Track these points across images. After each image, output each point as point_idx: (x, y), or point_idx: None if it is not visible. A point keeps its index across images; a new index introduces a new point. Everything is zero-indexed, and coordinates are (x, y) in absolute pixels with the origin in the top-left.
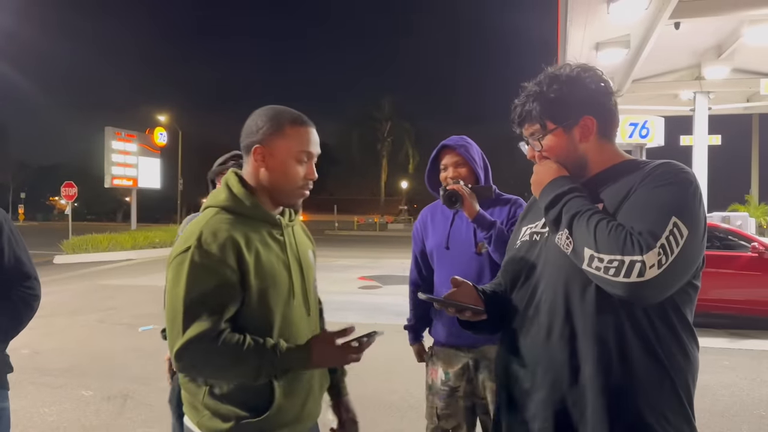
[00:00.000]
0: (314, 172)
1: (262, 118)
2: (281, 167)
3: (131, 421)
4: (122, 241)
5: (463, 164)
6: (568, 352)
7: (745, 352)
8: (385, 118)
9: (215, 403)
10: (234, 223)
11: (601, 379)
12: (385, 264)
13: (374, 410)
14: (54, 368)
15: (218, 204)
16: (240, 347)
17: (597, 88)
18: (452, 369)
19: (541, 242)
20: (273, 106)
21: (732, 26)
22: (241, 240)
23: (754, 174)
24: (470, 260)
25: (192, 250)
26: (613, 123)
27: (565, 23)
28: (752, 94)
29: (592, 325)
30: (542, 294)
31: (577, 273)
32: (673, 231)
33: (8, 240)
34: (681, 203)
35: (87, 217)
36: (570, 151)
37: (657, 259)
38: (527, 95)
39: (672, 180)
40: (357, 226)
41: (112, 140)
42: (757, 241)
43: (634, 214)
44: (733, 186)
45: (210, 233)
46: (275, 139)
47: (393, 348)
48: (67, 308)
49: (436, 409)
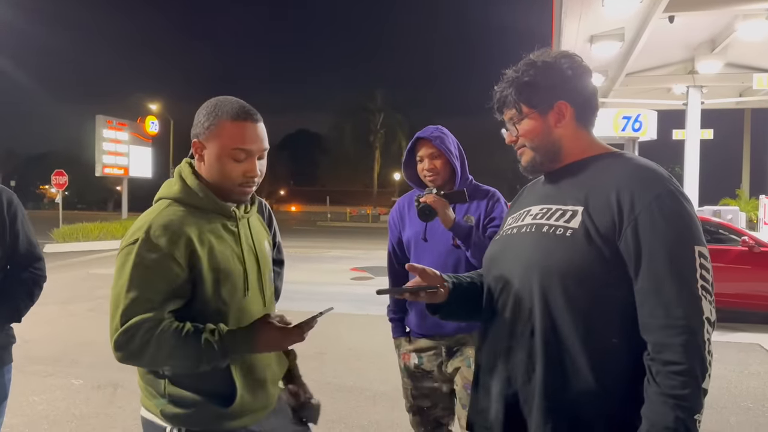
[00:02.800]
0: (254, 170)
1: (203, 111)
2: (216, 164)
3: (121, 410)
4: (113, 230)
5: (438, 156)
6: (526, 351)
7: (733, 344)
8: (378, 110)
9: (177, 390)
10: (187, 216)
11: (548, 381)
12: (378, 255)
13: (365, 400)
14: (44, 357)
15: (171, 195)
16: (178, 334)
17: (574, 74)
18: (425, 354)
19: (516, 236)
20: (219, 98)
21: (726, 21)
22: (194, 234)
23: (746, 168)
24: (448, 252)
25: (139, 243)
26: (590, 110)
27: (560, 15)
28: (745, 89)
29: (549, 327)
30: (510, 290)
31: (545, 274)
32: (702, 263)
33: (22, 224)
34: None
35: (77, 206)
36: (545, 136)
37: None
38: (505, 81)
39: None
40: (349, 217)
41: (103, 129)
42: (747, 235)
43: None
44: (725, 180)
45: (159, 226)
46: (210, 135)
47: (385, 338)
48: (58, 297)
49: (410, 390)
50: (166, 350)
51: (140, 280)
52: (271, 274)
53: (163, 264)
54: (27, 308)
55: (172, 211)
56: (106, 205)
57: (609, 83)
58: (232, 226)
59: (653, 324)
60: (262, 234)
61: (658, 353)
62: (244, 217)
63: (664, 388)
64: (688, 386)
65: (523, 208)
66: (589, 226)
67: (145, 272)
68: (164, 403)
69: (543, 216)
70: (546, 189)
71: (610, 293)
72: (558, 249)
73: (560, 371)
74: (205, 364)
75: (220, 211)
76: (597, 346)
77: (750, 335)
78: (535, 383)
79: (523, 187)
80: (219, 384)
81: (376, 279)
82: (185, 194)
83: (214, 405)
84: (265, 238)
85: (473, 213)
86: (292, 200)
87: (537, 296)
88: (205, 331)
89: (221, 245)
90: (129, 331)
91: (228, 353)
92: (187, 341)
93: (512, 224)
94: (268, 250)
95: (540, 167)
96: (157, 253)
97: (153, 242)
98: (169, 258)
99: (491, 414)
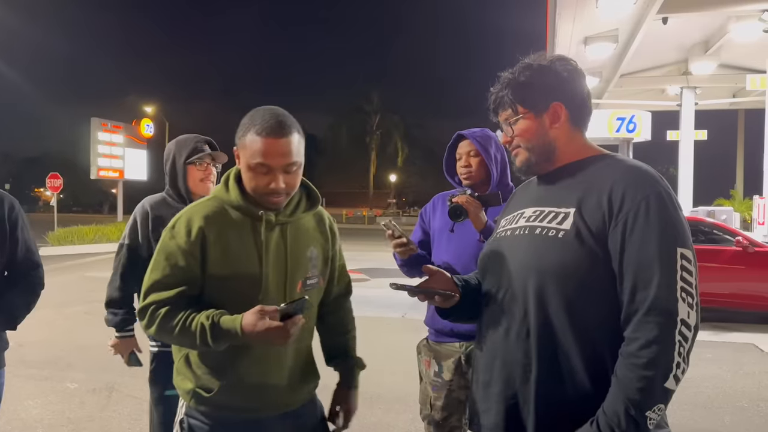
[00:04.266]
0: (277, 184)
1: (244, 119)
2: (245, 174)
3: (117, 414)
4: (108, 233)
5: (476, 154)
6: (523, 351)
7: (728, 344)
8: (375, 111)
9: (184, 367)
10: (216, 213)
11: (544, 382)
12: (374, 257)
13: (361, 403)
14: (39, 360)
15: (215, 192)
16: (180, 316)
17: (570, 76)
18: (445, 362)
19: (510, 239)
20: (260, 108)
21: (719, 22)
22: (212, 231)
23: (739, 169)
24: (472, 246)
25: (167, 231)
26: (584, 113)
27: (554, 17)
28: (738, 89)
29: (545, 328)
30: (506, 291)
31: (539, 275)
32: (684, 265)
33: (22, 230)
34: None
35: (73, 209)
36: (540, 137)
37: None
38: (501, 83)
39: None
40: (345, 219)
41: (98, 131)
42: (741, 236)
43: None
44: (719, 181)
45: (185, 219)
46: (241, 146)
47: (380, 340)
48: (53, 300)
49: (430, 399)
50: (168, 328)
51: (161, 263)
52: (311, 281)
53: (176, 254)
54: (23, 315)
55: (206, 206)
56: (101, 208)
57: (603, 84)
58: (262, 228)
59: (628, 319)
60: (308, 241)
61: (626, 345)
62: (283, 222)
63: (621, 379)
64: (643, 381)
65: (517, 210)
66: (581, 227)
67: (165, 257)
68: (176, 377)
69: (536, 218)
70: (539, 191)
71: (603, 293)
72: (551, 251)
73: (556, 371)
74: (202, 345)
75: (246, 212)
76: (592, 346)
77: (744, 335)
78: (532, 383)
79: (516, 188)
80: (216, 369)
81: (373, 280)
82: (221, 192)
83: (205, 390)
84: (311, 245)
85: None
86: None
87: (532, 298)
88: (201, 315)
89: (240, 245)
90: (145, 307)
91: (218, 338)
92: (185, 323)
93: (506, 226)
94: (311, 257)
95: (534, 168)
96: (176, 242)
97: (173, 233)
98: (182, 249)
99: (492, 414)
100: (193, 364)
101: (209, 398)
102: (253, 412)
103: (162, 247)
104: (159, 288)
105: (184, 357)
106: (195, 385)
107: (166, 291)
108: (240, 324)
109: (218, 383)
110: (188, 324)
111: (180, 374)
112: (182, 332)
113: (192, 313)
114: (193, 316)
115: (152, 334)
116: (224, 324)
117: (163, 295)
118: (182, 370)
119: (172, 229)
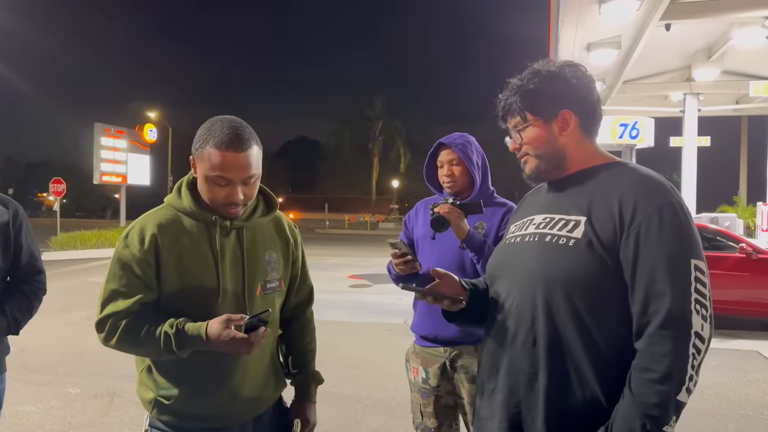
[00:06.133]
0: (235, 196)
1: (199, 130)
2: (202, 184)
3: (118, 419)
4: (111, 238)
5: (458, 162)
6: (529, 360)
7: (731, 351)
8: (377, 117)
9: (146, 377)
10: (169, 220)
11: (552, 391)
12: (376, 263)
13: (363, 409)
14: (40, 365)
15: (167, 200)
16: (141, 325)
17: (579, 83)
18: (431, 368)
19: (519, 245)
20: (215, 119)
21: (722, 28)
22: (166, 239)
23: (743, 175)
24: (454, 253)
25: (120, 241)
26: (594, 119)
27: (557, 24)
28: (741, 96)
29: (553, 337)
30: (513, 299)
31: (548, 283)
32: (698, 277)
33: (26, 236)
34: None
35: (76, 214)
36: (549, 144)
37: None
38: (510, 89)
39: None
40: (348, 224)
41: (101, 137)
42: (745, 242)
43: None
44: (722, 187)
45: (138, 228)
46: (198, 157)
47: (382, 346)
48: (55, 305)
49: (420, 406)
50: (130, 339)
51: (116, 273)
52: (271, 284)
53: (134, 262)
54: (26, 321)
55: (160, 214)
56: (104, 213)
57: (606, 91)
58: (216, 234)
59: (641, 332)
60: (267, 244)
61: (639, 358)
62: (238, 227)
63: (636, 395)
64: (659, 396)
65: (527, 217)
66: (592, 235)
67: (120, 267)
68: (139, 387)
69: (546, 225)
70: (549, 198)
71: (613, 302)
72: (561, 259)
73: (564, 380)
74: (165, 353)
75: (200, 218)
76: (601, 355)
77: (748, 342)
78: (539, 392)
79: (525, 195)
80: (176, 378)
81: (375, 286)
82: (174, 199)
83: (167, 398)
84: (269, 248)
85: (486, 220)
86: (291, 207)
87: (540, 305)
88: (165, 324)
89: (195, 252)
90: (104, 319)
91: (183, 345)
92: (148, 332)
93: (516, 232)
94: (270, 260)
95: (544, 175)
96: (131, 250)
97: (127, 243)
98: (138, 257)
99: (496, 422)
100: (154, 372)
101: (170, 406)
102: (215, 420)
103: (116, 257)
104: (116, 297)
105: (146, 368)
106: (156, 393)
107: (123, 300)
108: (205, 331)
109: (178, 390)
110: (152, 332)
111: (143, 385)
112: (145, 341)
113: (154, 321)
114: (157, 325)
115: (113, 346)
116: (189, 330)
117: (121, 305)
118: (144, 380)
119: (126, 238)
